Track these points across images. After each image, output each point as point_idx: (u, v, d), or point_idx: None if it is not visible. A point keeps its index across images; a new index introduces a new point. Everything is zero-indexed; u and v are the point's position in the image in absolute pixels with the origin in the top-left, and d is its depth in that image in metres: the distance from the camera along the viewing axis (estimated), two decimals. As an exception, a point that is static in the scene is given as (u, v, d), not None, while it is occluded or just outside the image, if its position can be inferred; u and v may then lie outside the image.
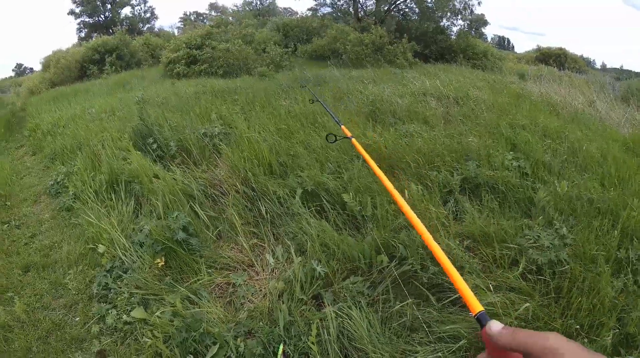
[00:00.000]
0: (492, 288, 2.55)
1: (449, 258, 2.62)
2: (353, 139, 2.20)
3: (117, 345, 3.08)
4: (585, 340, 2.28)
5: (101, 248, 3.65)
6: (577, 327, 2.35)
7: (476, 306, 0.90)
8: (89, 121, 6.44)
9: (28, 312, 3.56)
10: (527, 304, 2.40)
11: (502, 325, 0.68)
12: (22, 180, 6.56)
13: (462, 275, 2.63)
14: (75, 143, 5.57)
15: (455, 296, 2.58)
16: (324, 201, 3.00)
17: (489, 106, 5.29)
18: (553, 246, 2.80)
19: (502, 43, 50.04)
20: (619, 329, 2.38)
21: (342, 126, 2.60)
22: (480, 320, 0.85)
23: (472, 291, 2.46)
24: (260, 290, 2.74)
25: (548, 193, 3.37)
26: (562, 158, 4.09)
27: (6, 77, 40.04)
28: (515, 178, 3.55)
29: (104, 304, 3.32)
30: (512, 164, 3.76)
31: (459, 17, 19.78)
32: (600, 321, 2.37)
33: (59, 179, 5.36)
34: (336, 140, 2.20)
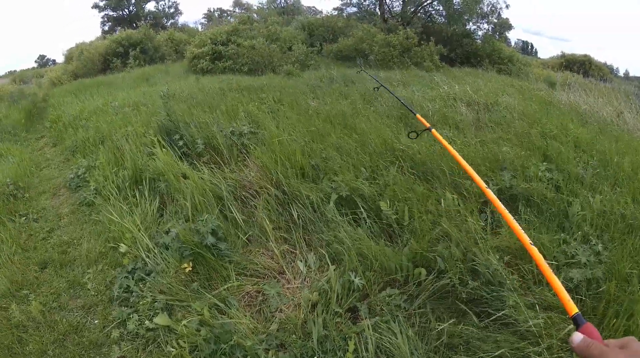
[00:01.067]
0: (536, 307, 2.45)
1: (489, 272, 2.51)
2: (433, 130, 2.11)
3: (138, 352, 2.97)
4: None
5: (123, 248, 3.56)
6: None
7: (572, 308, 0.99)
8: (112, 114, 6.40)
9: (44, 312, 3.49)
10: (571, 326, 2.28)
11: (582, 337, 0.81)
12: (41, 172, 6.52)
13: (502, 292, 2.53)
14: (98, 136, 5.52)
15: (497, 315, 2.47)
16: (361, 208, 2.89)
17: (520, 113, 5.14)
18: (589, 263, 2.70)
19: (526, 48, 49.34)
20: None
21: (418, 115, 2.52)
22: (577, 320, 0.95)
23: (514, 309, 2.34)
24: (292, 300, 2.64)
25: (582, 207, 3.24)
26: (594, 171, 3.96)
27: (29, 68, 40.53)
28: (550, 190, 3.43)
29: (125, 308, 3.22)
30: (545, 175, 3.64)
31: (485, 20, 19.48)
32: None
33: (79, 173, 5.30)
34: (418, 135, 2.12)
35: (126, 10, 35.35)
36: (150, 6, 37.20)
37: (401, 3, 22.04)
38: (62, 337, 3.31)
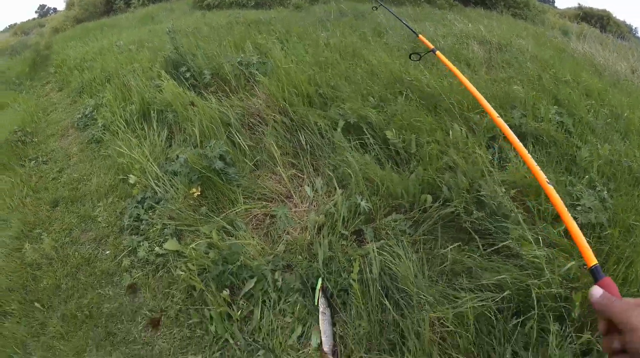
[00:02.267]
0: (540, 242, 2.48)
1: (495, 204, 2.53)
2: (437, 52, 2.06)
3: (148, 278, 3.08)
4: None
5: (132, 179, 3.60)
6: None
7: (591, 259, 0.95)
8: (117, 53, 6.32)
9: (56, 248, 3.61)
10: (573, 263, 2.32)
11: (602, 292, 0.77)
12: (48, 116, 6.52)
13: (506, 224, 2.55)
14: (104, 75, 5.48)
15: (500, 245, 2.52)
16: (367, 134, 2.89)
17: (532, 56, 5.05)
18: (594, 209, 2.71)
19: (542, -5, 47.25)
20: None
21: (420, 36, 2.45)
22: (595, 273, 0.90)
23: (517, 242, 2.36)
24: (299, 223, 2.70)
25: (591, 153, 3.24)
26: (604, 120, 3.93)
27: (29, 20, 39.62)
28: (559, 133, 3.42)
29: (135, 236, 3.30)
30: (555, 118, 3.61)
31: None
32: (633, 294, 2.30)
33: (87, 112, 5.29)
34: (421, 58, 2.07)
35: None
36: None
37: None
38: (75, 269, 3.42)
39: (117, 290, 3.15)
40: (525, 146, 3.18)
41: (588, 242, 2.58)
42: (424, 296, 2.22)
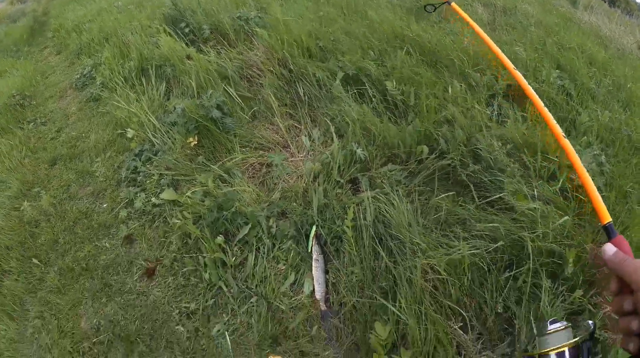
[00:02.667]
0: (535, 198, 2.48)
1: (491, 157, 2.51)
2: (453, 4, 2.03)
3: (144, 228, 3.10)
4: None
5: (130, 133, 3.60)
6: None
7: (605, 215, 0.96)
8: (116, 13, 6.24)
9: (54, 204, 3.64)
10: (567, 217, 2.32)
11: (616, 250, 0.72)
12: (47, 79, 6.47)
13: (501, 177, 2.54)
14: (103, 35, 5.41)
15: (495, 196, 2.51)
16: (366, 86, 2.87)
17: (537, 21, 4.99)
18: (591, 171, 2.70)
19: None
20: None
21: None
22: (609, 230, 0.94)
23: (512, 195, 2.34)
24: (295, 171, 2.70)
25: (590, 118, 3.22)
26: (606, 88, 3.90)
27: (26, -13, 38.76)
28: (560, 96, 3.39)
29: (133, 188, 3.31)
30: (556, 82, 3.58)
31: None
32: None
33: (85, 72, 5.25)
34: (435, 9, 2.03)
35: None
36: None
37: None
38: (72, 223, 3.45)
39: (114, 241, 3.18)
40: (524, 105, 3.18)
41: (587, 201, 2.60)
42: (417, 243, 2.23)
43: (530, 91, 1.32)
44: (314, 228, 2.47)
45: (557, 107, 3.30)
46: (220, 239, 2.57)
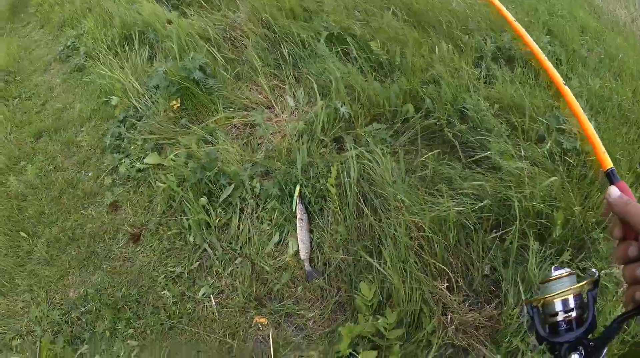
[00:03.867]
0: (520, 156, 2.45)
1: (478, 117, 2.47)
2: None
3: (129, 194, 3.09)
4: (602, 235, 2.21)
5: (114, 100, 3.55)
6: (594, 220, 2.27)
7: (606, 161, 0.89)
8: (98, -17, 6.14)
9: (40, 176, 3.61)
10: (555, 178, 2.30)
11: (620, 193, 0.70)
12: (31, 54, 6.34)
13: (489, 137, 2.51)
14: (85, 6, 5.30)
15: (481, 155, 2.48)
16: (350, 45, 2.82)
17: (529, -13, 4.95)
18: (580, 134, 2.67)
19: None
20: None
21: None
22: (611, 176, 0.84)
23: (499, 154, 2.30)
24: (280, 131, 2.66)
25: (581, 84, 3.18)
26: (598, 57, 3.86)
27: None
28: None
29: (117, 154, 3.29)
30: (546, 47, 3.53)
31: None
32: None
33: (68, 44, 5.13)
34: None
35: None
36: None
37: None
38: (59, 194, 3.43)
39: (100, 209, 3.17)
40: (513, 68, 3.14)
41: (574, 163, 2.57)
42: (401, 199, 2.20)
43: (529, 40, 1.27)
44: (298, 187, 2.44)
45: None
46: (203, 200, 2.55)
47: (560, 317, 0.71)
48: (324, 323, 2.28)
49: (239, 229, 2.51)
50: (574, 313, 0.70)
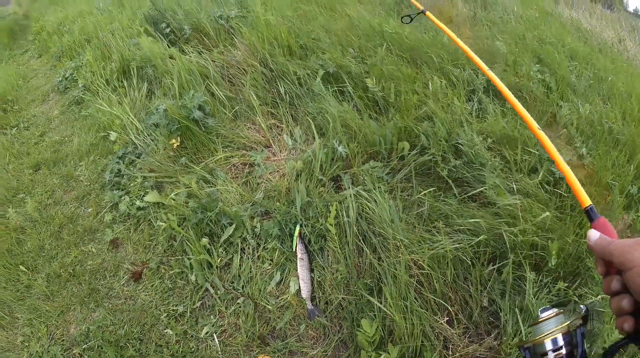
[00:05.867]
0: (514, 190, 2.50)
1: (472, 152, 2.52)
2: (427, 13, 2.03)
3: (130, 232, 3.10)
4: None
5: (113, 136, 3.58)
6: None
7: (584, 199, 0.90)
8: (96, 14, 6.18)
9: (40, 210, 3.59)
10: (547, 213, 2.35)
11: (600, 234, 0.73)
12: (29, 83, 6.37)
13: (482, 172, 2.56)
14: (84, 37, 5.36)
15: (475, 191, 2.54)
16: (347, 84, 2.88)
17: (518, 16, 5.04)
18: (571, 163, 2.73)
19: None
20: None
21: None
22: (590, 213, 0.86)
23: (493, 190, 2.36)
24: (278, 171, 2.69)
25: (571, 111, 3.25)
26: (587, 82, 3.94)
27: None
28: (539, 90, 3.43)
29: (117, 191, 3.29)
30: (537, 76, 3.61)
31: None
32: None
33: (67, 75, 5.19)
34: (412, 19, 2.04)
35: None
36: None
37: None
38: (58, 229, 3.41)
39: (100, 246, 3.16)
40: (504, 101, 3.20)
41: (565, 194, 2.60)
42: (400, 239, 2.24)
43: (503, 89, 1.32)
44: (298, 226, 2.47)
45: (538, 101, 3.33)
46: (205, 240, 2.57)
47: (550, 356, 0.75)
48: (327, 361, 2.30)
49: (240, 268, 2.53)
50: (563, 351, 0.74)
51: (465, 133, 2.66)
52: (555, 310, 0.80)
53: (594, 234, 0.74)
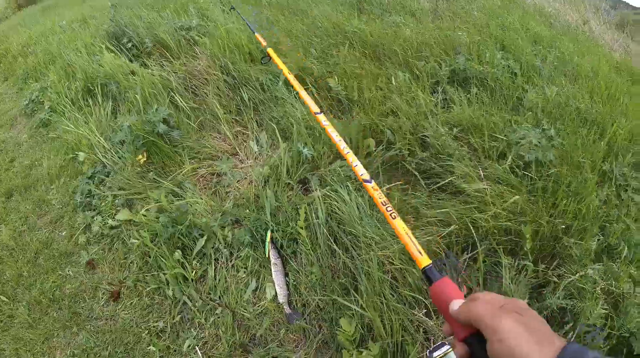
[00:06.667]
0: (483, 176, 2.52)
1: (439, 143, 2.52)
2: (269, 50, 2.05)
3: (105, 252, 3.08)
4: (572, 240, 2.29)
5: (81, 156, 3.54)
6: (563, 226, 2.35)
7: (424, 259, 0.81)
8: (60, 33, 6.09)
9: (15, 237, 3.55)
10: (517, 197, 2.37)
11: (459, 303, 0.67)
12: (-5, 109, 6.29)
13: (450, 162, 2.58)
14: (48, 58, 5.28)
15: (444, 182, 2.55)
16: (309, 86, 2.87)
17: (480, 6, 5.08)
18: (541, 146, 2.76)
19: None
20: (601, 238, 2.39)
21: (257, 34, 2.44)
22: (428, 275, 0.77)
23: (462, 179, 2.36)
24: (246, 178, 2.68)
25: (537, 95, 3.28)
26: (552, 65, 3.99)
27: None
28: (505, 76, 3.46)
29: (89, 212, 3.27)
30: (501, 63, 3.64)
31: None
32: (584, 226, 2.37)
33: (33, 97, 5.12)
34: (270, 59, 2.04)
35: None
36: None
37: None
38: (35, 255, 3.38)
39: (77, 268, 3.12)
40: (469, 89, 3.23)
41: (537, 178, 2.62)
42: (371, 236, 2.24)
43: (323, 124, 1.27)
44: (269, 232, 2.46)
45: (504, 88, 3.36)
46: (177, 254, 2.55)
47: None
48: (311, 363, 2.29)
49: (215, 279, 2.51)
50: None
51: (430, 125, 2.67)
52: (444, 349, 0.80)
53: (456, 304, 0.69)
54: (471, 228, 2.22)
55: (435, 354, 0.79)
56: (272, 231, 2.47)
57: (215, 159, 2.87)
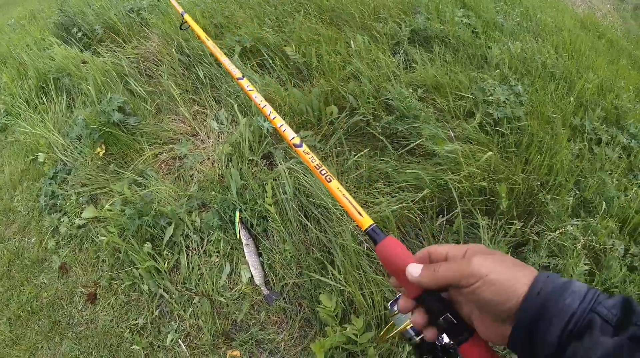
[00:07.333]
0: (453, 137, 2.45)
1: (403, 105, 2.43)
2: (186, 15, 1.93)
3: (75, 253, 2.98)
4: (548, 196, 2.26)
5: (41, 157, 3.39)
6: (539, 183, 2.32)
7: (364, 221, 0.74)
8: (9, 33, 5.83)
9: None
10: (490, 153, 2.30)
11: (420, 267, 0.61)
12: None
13: (417, 124, 2.49)
14: (-1, 59, 5.08)
15: (413, 144, 2.46)
16: (265, 55, 2.75)
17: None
18: (509, 102, 2.69)
19: None
20: (577, 192, 2.38)
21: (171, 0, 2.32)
22: (371, 236, 0.71)
23: (430, 140, 2.27)
24: (209, 158, 2.57)
25: (502, 52, 3.20)
26: (514, 20, 3.91)
27: None
28: (467, 34, 3.37)
29: (55, 214, 3.15)
30: (462, 21, 3.54)
31: None
32: (559, 181, 2.34)
33: (-12, 103, 4.90)
34: (187, 26, 1.92)
35: None
36: None
37: None
38: (7, 268, 3.28)
39: (50, 275, 3.04)
40: (431, 48, 3.13)
41: (509, 133, 2.56)
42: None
43: (253, 98, 1.18)
44: (237, 212, 2.37)
45: (467, 46, 3.27)
46: (147, 246, 2.45)
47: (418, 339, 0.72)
48: (295, 342, 2.23)
49: (189, 268, 2.43)
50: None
51: (394, 87, 2.58)
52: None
53: (414, 269, 0.61)
54: (452, 188, 2.15)
55: (395, 308, 0.75)
56: (240, 211, 2.37)
57: (176, 142, 2.75)
